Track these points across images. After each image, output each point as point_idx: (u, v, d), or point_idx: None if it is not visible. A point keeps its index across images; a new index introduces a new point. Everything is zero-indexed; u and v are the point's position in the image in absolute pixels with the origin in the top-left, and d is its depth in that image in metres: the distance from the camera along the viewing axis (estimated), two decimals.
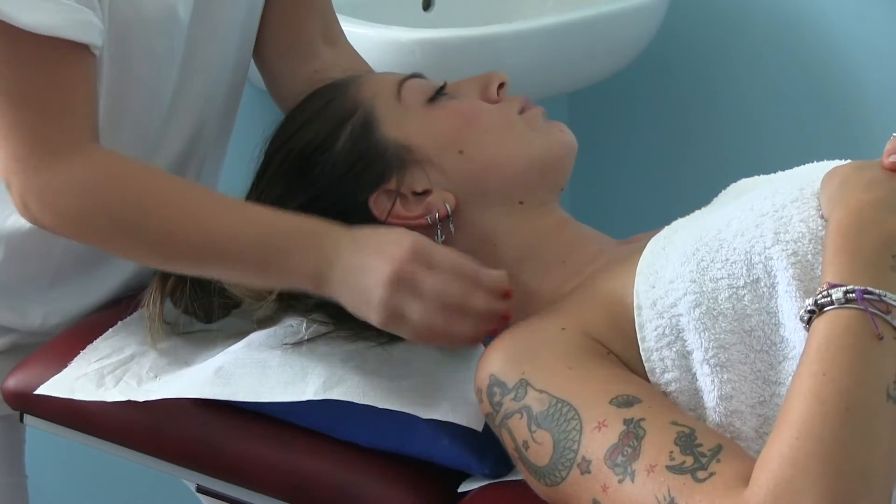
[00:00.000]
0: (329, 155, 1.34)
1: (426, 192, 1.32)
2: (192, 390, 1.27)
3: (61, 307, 1.48)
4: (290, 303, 1.35)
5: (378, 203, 1.32)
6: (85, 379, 1.33)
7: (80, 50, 1.27)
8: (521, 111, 1.36)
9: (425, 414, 1.25)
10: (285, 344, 1.32)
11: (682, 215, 1.28)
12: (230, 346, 1.34)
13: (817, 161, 1.26)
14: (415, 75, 1.39)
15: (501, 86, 1.37)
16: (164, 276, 1.39)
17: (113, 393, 1.31)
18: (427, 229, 1.31)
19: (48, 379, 1.35)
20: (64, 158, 1.26)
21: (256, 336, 1.34)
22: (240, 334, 1.37)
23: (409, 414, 1.24)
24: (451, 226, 1.31)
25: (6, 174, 1.28)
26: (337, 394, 1.24)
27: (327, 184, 1.34)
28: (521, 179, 1.33)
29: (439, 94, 1.36)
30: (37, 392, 1.33)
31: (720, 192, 1.34)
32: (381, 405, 1.24)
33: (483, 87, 1.37)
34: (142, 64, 1.37)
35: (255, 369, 1.28)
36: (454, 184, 1.32)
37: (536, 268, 1.31)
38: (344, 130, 1.34)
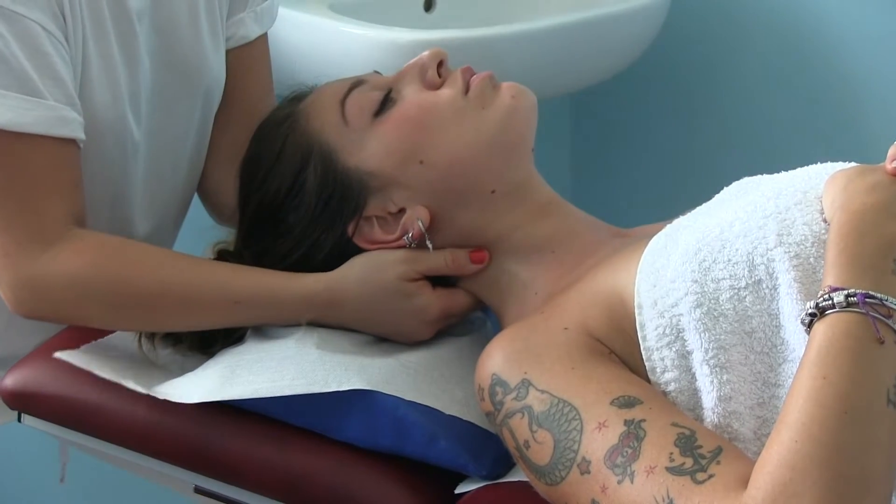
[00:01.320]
0: (301, 199, 1.34)
1: (402, 211, 1.32)
2: (214, 393, 1.26)
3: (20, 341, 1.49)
4: None
5: (359, 233, 1.33)
6: (100, 361, 1.34)
7: (59, 143, 1.30)
8: (467, 89, 1.34)
9: (447, 409, 1.25)
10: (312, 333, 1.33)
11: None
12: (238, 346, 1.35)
13: (819, 162, 1.26)
14: (354, 85, 1.36)
15: (441, 64, 1.35)
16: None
17: (131, 383, 1.30)
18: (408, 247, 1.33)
19: (49, 379, 1.35)
20: (51, 248, 1.30)
21: (262, 334, 1.35)
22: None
23: (406, 413, 1.24)
24: (427, 242, 1.32)
25: None
26: (360, 383, 1.24)
27: (306, 227, 1.34)
28: (486, 167, 1.32)
29: (385, 103, 1.34)
30: (55, 355, 1.33)
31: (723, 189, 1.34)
32: (407, 397, 1.25)
33: (423, 73, 1.35)
34: (95, 164, 1.40)
35: (272, 362, 1.28)
36: (425, 195, 1.32)
37: (525, 257, 1.32)
38: (308, 171, 1.34)
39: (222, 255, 1.41)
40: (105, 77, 1.37)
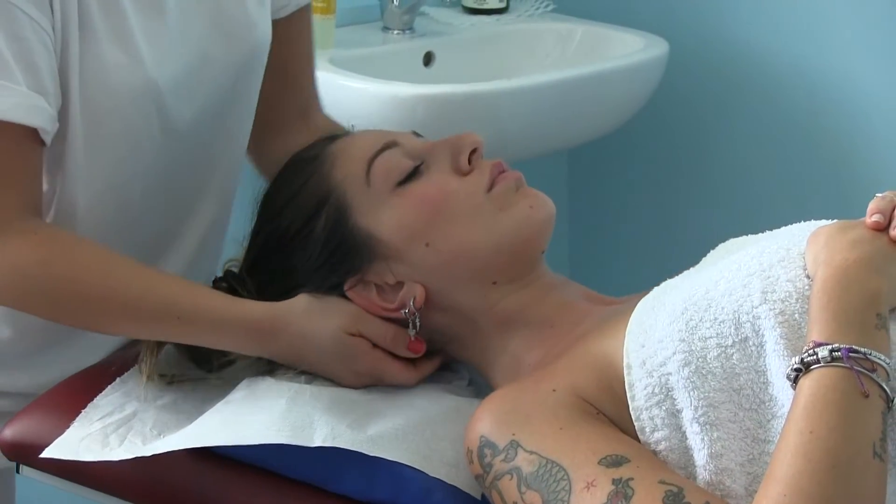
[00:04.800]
0: (307, 243, 1.36)
1: (399, 284, 1.33)
2: (200, 439, 1.26)
3: (50, 371, 1.49)
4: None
5: (354, 292, 1.35)
6: (89, 440, 1.33)
7: (25, 131, 1.30)
8: (491, 186, 1.34)
9: (433, 471, 1.24)
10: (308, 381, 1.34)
11: (681, 270, 1.29)
12: (230, 395, 1.35)
13: (814, 219, 1.27)
14: (387, 146, 1.36)
15: (474, 151, 1.36)
16: None
17: (118, 452, 1.30)
18: (402, 320, 1.34)
19: (47, 431, 1.35)
20: (1, 237, 1.30)
21: (255, 386, 1.35)
22: (238, 382, 1.38)
23: (402, 466, 1.24)
24: (417, 321, 1.34)
25: None
26: (344, 442, 1.24)
27: (307, 272, 1.36)
28: (489, 264, 1.33)
29: (412, 176, 1.34)
30: (42, 456, 1.32)
31: (717, 246, 1.35)
32: (389, 457, 1.24)
33: (454, 157, 1.35)
34: (119, 142, 1.41)
35: (261, 415, 1.28)
36: (424, 275, 1.33)
37: (523, 335, 1.33)
38: (319, 218, 1.35)
39: (227, 278, 1.42)
40: (121, 50, 1.36)
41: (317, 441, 1.24)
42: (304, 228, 1.36)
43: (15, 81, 1.28)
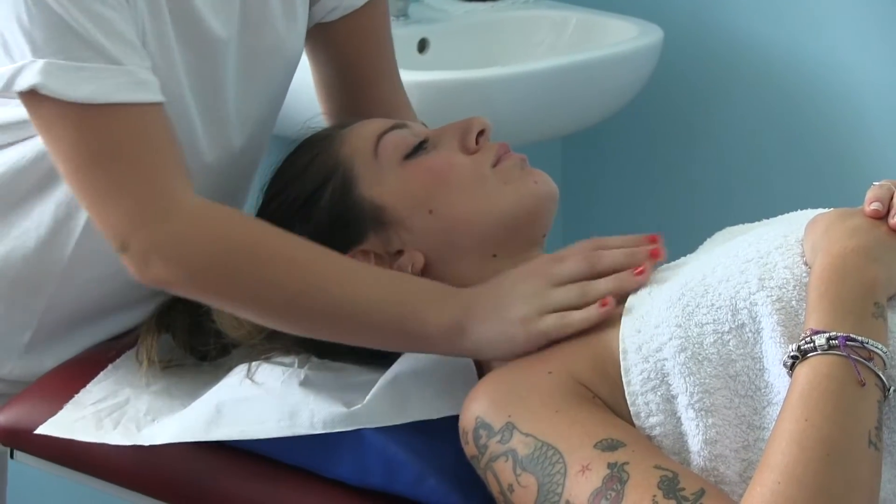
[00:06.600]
0: (313, 213, 1.37)
1: (400, 252, 1.34)
2: (197, 433, 1.27)
3: (37, 362, 1.47)
4: (278, 338, 1.37)
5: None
6: (83, 421, 1.33)
7: (142, 106, 1.25)
8: (497, 162, 1.36)
9: (440, 412, 1.26)
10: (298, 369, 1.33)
11: (676, 258, 1.29)
12: (223, 380, 1.35)
13: (809, 205, 1.27)
14: (397, 126, 1.39)
15: (482, 133, 1.37)
16: (161, 316, 1.41)
17: (114, 435, 1.30)
18: None
19: (41, 416, 1.35)
20: (177, 210, 1.24)
21: (247, 371, 1.35)
22: (231, 368, 1.38)
23: (397, 452, 1.25)
24: None
25: (121, 237, 1.24)
26: (345, 424, 1.25)
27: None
28: (490, 234, 1.33)
29: (418, 149, 1.36)
30: (37, 431, 1.32)
31: (712, 235, 1.36)
32: (396, 421, 1.25)
33: (462, 136, 1.37)
34: None
35: (256, 403, 1.28)
36: (423, 243, 1.34)
37: None
38: (326, 189, 1.37)
39: None
40: (160, 58, 1.33)
41: (318, 428, 1.25)
42: (309, 199, 1.37)
43: (116, 61, 1.23)
